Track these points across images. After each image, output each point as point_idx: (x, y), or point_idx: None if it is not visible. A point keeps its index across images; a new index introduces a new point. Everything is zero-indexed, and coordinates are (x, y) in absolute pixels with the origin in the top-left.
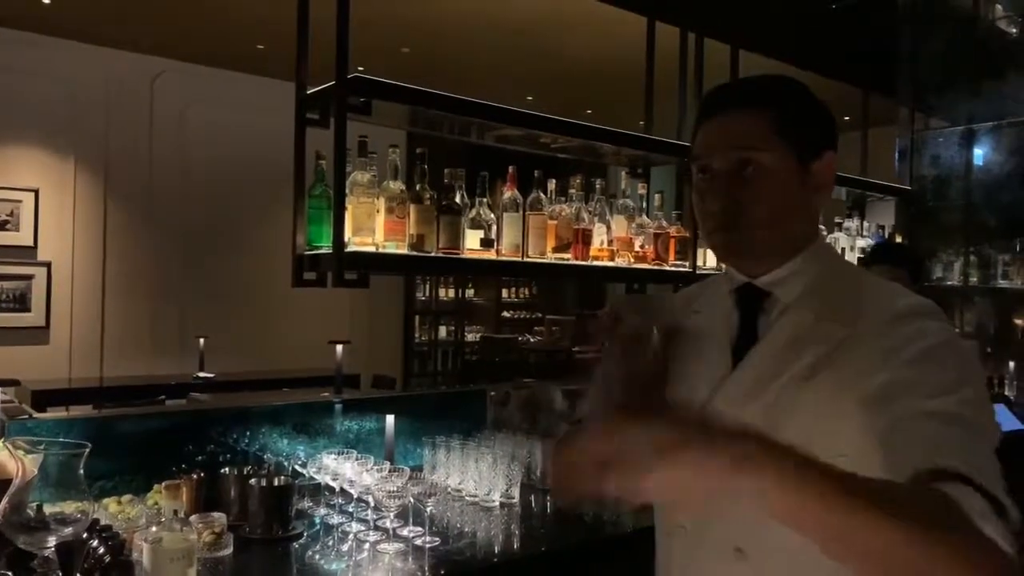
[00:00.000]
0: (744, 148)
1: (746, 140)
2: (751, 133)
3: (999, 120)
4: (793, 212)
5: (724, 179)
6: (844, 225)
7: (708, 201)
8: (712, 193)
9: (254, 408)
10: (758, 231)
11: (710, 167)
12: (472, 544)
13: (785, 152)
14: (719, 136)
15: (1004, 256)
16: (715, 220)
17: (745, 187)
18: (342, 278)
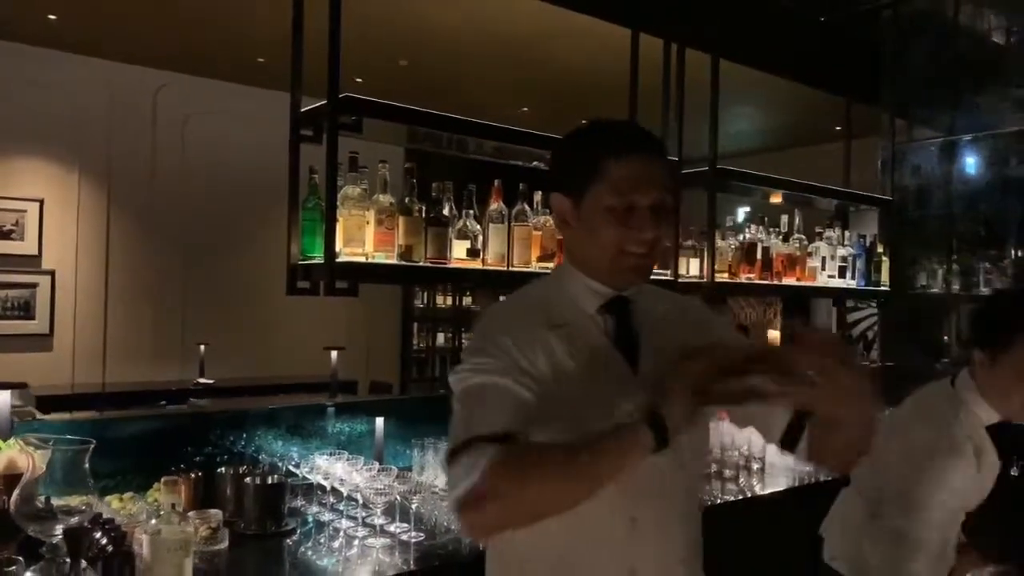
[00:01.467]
0: (665, 190)
1: (666, 186)
2: (666, 180)
3: (979, 132)
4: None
5: (652, 214)
6: (825, 235)
7: (633, 232)
8: (644, 224)
9: (250, 411)
10: (656, 256)
11: (635, 200)
12: (456, 540)
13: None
14: (649, 174)
15: (986, 265)
16: (644, 247)
17: (662, 223)
18: (333, 287)
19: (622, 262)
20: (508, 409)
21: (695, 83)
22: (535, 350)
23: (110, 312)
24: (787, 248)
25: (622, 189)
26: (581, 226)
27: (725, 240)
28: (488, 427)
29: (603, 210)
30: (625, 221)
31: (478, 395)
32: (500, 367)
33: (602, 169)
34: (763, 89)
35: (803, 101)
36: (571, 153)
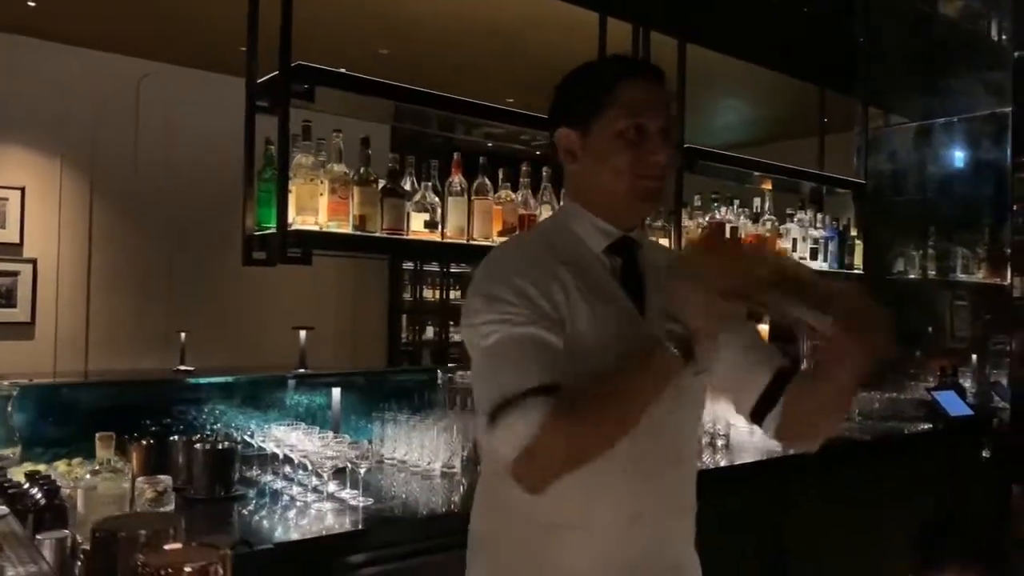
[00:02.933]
0: (669, 118)
1: (671, 111)
2: (672, 106)
3: (953, 116)
4: None
5: (664, 137)
6: (796, 217)
7: (646, 155)
8: (656, 147)
9: (208, 383)
10: (667, 180)
11: (645, 123)
12: (403, 504)
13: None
14: (657, 98)
15: (963, 250)
16: (657, 171)
17: (671, 148)
18: (285, 255)
19: (635, 188)
20: (545, 360)
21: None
22: (552, 289)
23: (92, 300)
24: (757, 229)
25: (633, 111)
26: (589, 157)
27: (693, 220)
28: (530, 381)
29: (614, 135)
30: (637, 144)
31: (510, 348)
32: (525, 316)
33: (614, 91)
34: (748, 83)
35: (787, 96)
36: (580, 81)
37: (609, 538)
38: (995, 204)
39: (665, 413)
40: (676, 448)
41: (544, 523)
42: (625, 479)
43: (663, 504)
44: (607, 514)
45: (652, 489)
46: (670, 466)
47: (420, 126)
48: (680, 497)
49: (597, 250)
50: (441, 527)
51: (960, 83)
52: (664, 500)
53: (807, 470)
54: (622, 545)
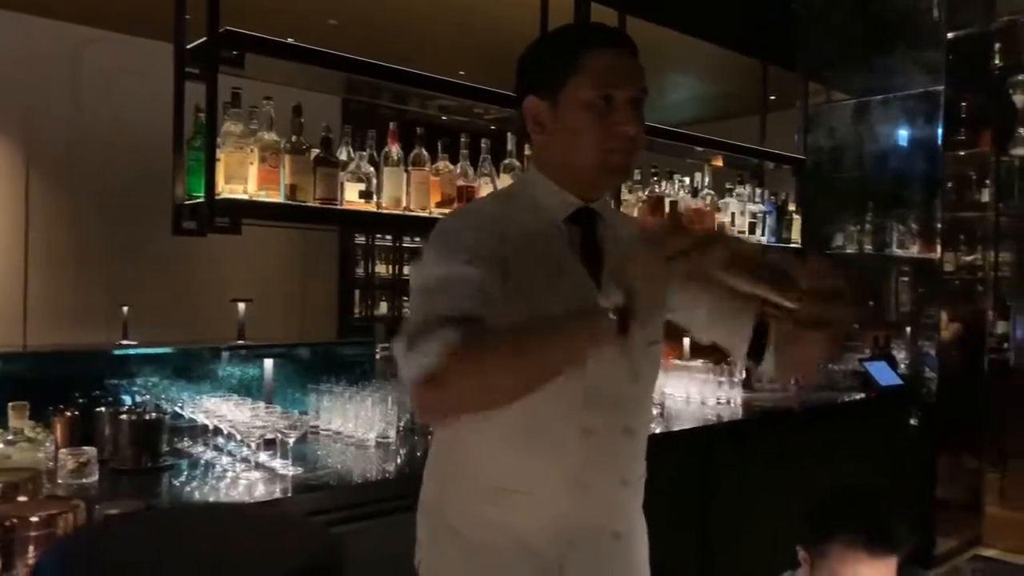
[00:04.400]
0: (642, 90)
1: (644, 81)
2: (642, 77)
3: (889, 93)
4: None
5: (634, 108)
6: (736, 191)
7: (613, 126)
8: (625, 118)
9: (139, 354)
10: (637, 156)
11: (613, 93)
12: (333, 473)
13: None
14: (629, 67)
15: (899, 225)
16: (625, 143)
17: (641, 119)
18: (213, 224)
19: (603, 161)
20: (468, 293)
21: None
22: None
23: (30, 275)
24: (696, 203)
25: (601, 81)
26: (557, 127)
27: (633, 194)
28: (452, 310)
29: (582, 105)
30: (605, 115)
31: (444, 283)
32: (463, 257)
33: (581, 61)
34: (698, 60)
35: (734, 74)
36: (548, 49)
37: (555, 504)
38: (928, 181)
39: (619, 384)
40: (628, 420)
41: (491, 487)
42: (575, 447)
43: (612, 474)
44: (554, 481)
45: (601, 459)
46: (621, 437)
47: (372, 99)
48: (629, 468)
49: (557, 219)
50: (370, 494)
51: (897, 61)
52: (613, 470)
53: (740, 438)
54: (568, 512)
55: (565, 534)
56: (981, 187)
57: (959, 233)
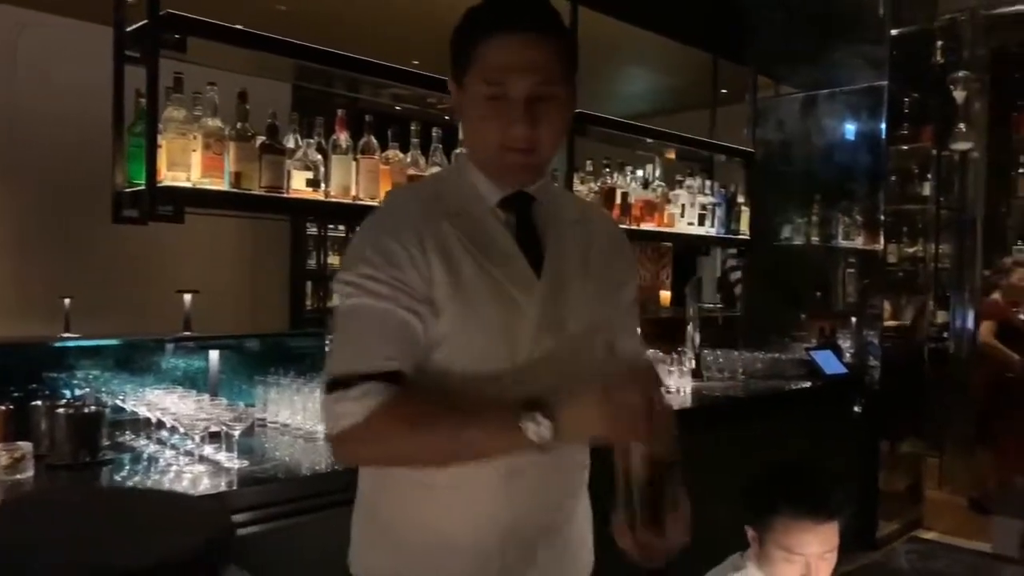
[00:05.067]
0: (549, 82)
1: (547, 72)
2: (555, 66)
3: (836, 88)
4: (564, 134)
5: (525, 106)
6: (686, 183)
7: (507, 125)
8: (512, 119)
9: (79, 346)
10: (545, 153)
11: (506, 89)
12: (281, 466)
13: (567, 82)
14: (523, 59)
15: (844, 218)
16: (521, 143)
17: (542, 116)
18: (154, 212)
19: (503, 159)
20: (393, 338)
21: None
22: (427, 250)
23: None
24: (646, 194)
25: (492, 75)
26: (464, 117)
27: (585, 185)
28: (374, 361)
29: (478, 99)
30: (497, 113)
31: (360, 320)
32: (385, 286)
33: (477, 50)
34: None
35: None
36: (455, 34)
37: (485, 497)
38: (872, 174)
39: (555, 370)
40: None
41: (422, 482)
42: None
43: (544, 461)
44: (483, 472)
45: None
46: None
47: (324, 87)
48: (564, 454)
49: (491, 203)
50: (317, 487)
51: (843, 56)
52: (546, 461)
53: (689, 425)
54: (500, 503)
55: (496, 531)
56: (923, 181)
57: (902, 225)
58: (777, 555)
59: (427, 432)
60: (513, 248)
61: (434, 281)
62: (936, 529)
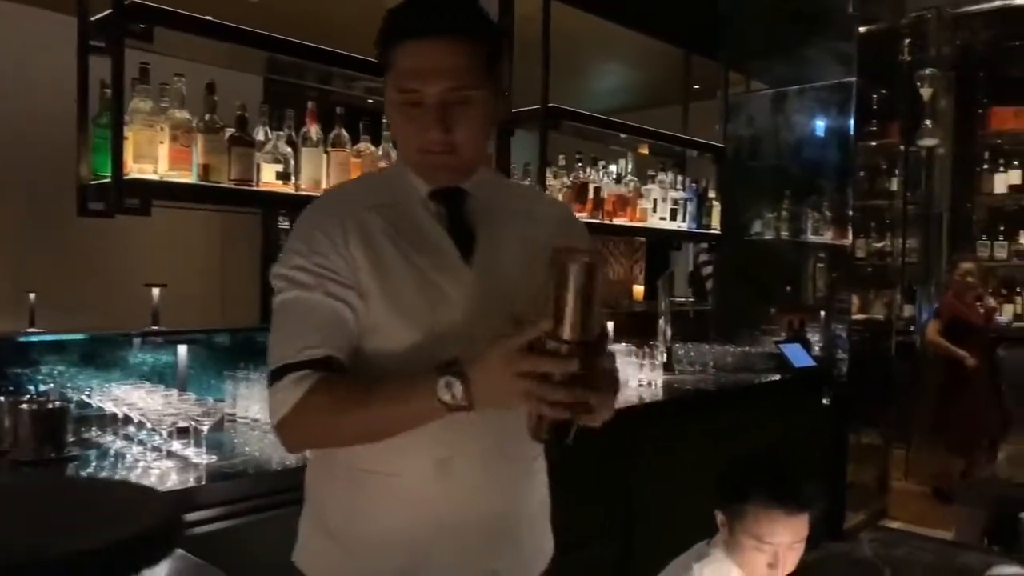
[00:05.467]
0: (462, 87)
1: (460, 75)
2: (469, 69)
3: (805, 84)
4: (488, 134)
5: (439, 111)
6: (658, 178)
7: (422, 130)
8: (426, 124)
9: (44, 341)
10: (466, 155)
11: (420, 95)
12: (251, 461)
13: (487, 83)
14: (434, 64)
15: (813, 213)
16: (424, 146)
17: (457, 119)
18: (121, 205)
19: (424, 160)
20: (321, 325)
21: (560, 35)
22: (349, 238)
23: None
24: (619, 189)
25: (402, 83)
26: (389, 118)
27: (558, 179)
28: (303, 350)
29: (395, 104)
30: (412, 118)
31: (292, 311)
32: (313, 276)
33: (391, 56)
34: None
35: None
36: (376, 39)
37: (417, 485)
38: (841, 170)
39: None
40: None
41: (360, 469)
42: (440, 421)
43: (478, 450)
44: (414, 460)
45: (463, 434)
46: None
47: (295, 79)
48: (504, 443)
49: (421, 195)
50: (287, 482)
51: (813, 52)
52: (480, 446)
53: (661, 418)
54: (432, 493)
55: (430, 519)
56: (890, 177)
57: (870, 221)
58: (747, 543)
59: (352, 410)
60: (442, 238)
61: (358, 267)
62: (901, 519)
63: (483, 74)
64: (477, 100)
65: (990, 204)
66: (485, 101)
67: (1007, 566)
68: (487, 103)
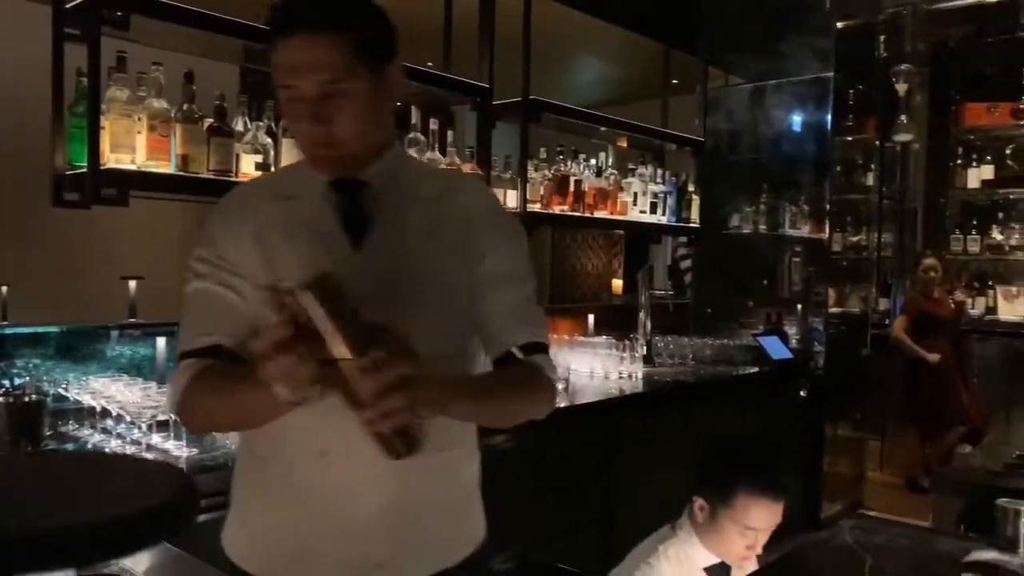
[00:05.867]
0: (331, 80)
1: (332, 69)
2: (336, 61)
3: (783, 79)
4: (377, 121)
5: (313, 104)
6: (638, 171)
7: (300, 124)
8: (302, 117)
9: (19, 333)
10: (349, 146)
11: (296, 90)
12: (229, 453)
13: (364, 72)
14: (304, 60)
15: (791, 207)
16: (309, 140)
17: (334, 112)
18: (98, 195)
19: (311, 153)
20: (213, 316)
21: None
22: (244, 228)
23: None
24: (600, 182)
25: (280, 79)
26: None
27: (539, 172)
28: (194, 339)
29: (281, 100)
30: (294, 113)
31: (190, 302)
32: (207, 267)
33: (273, 53)
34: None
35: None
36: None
37: (304, 475)
38: (818, 164)
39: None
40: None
41: (258, 455)
42: (313, 409)
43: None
44: (299, 449)
45: (342, 426)
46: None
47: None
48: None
49: (320, 186)
50: None
51: (790, 47)
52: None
53: (641, 410)
54: (316, 483)
55: (319, 511)
56: (866, 171)
57: (846, 215)
58: (730, 528)
59: (226, 395)
60: (334, 227)
61: (252, 258)
62: (876, 508)
63: (358, 64)
64: (356, 91)
65: (963, 199)
66: (366, 91)
67: (985, 551)
68: (368, 93)
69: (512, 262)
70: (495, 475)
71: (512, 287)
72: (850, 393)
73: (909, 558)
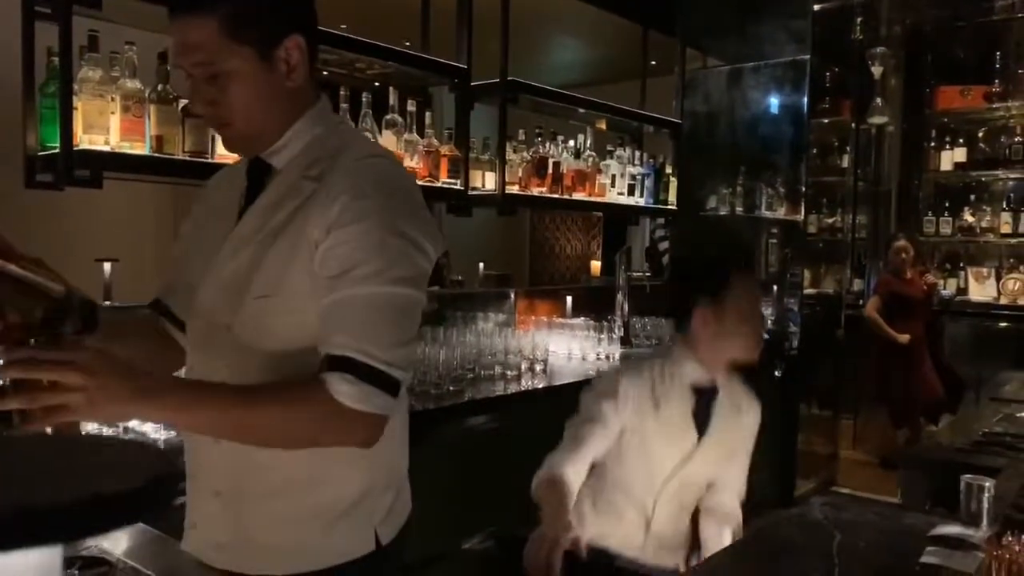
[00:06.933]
0: (203, 62)
1: (201, 52)
2: (204, 43)
3: (760, 61)
4: (270, 101)
5: (198, 84)
6: (616, 153)
7: (192, 103)
8: (193, 96)
9: None
10: (240, 127)
11: (184, 69)
12: None
13: (244, 52)
14: (180, 42)
15: (768, 189)
16: (206, 120)
17: (218, 92)
18: (71, 176)
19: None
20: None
21: (520, 10)
22: (194, 211)
23: None
24: (578, 164)
25: (172, 62)
26: None
27: (518, 154)
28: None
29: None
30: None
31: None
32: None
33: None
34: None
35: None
36: None
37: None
38: (794, 146)
39: (230, 339)
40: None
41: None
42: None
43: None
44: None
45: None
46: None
47: None
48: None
49: (242, 169)
50: None
51: (768, 30)
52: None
53: None
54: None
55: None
56: (842, 154)
57: (822, 197)
58: (736, 328)
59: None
60: (231, 208)
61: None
62: (849, 486)
63: (229, 44)
64: (235, 71)
65: (936, 181)
66: (251, 72)
67: (949, 525)
68: (254, 73)
69: (350, 257)
70: (474, 456)
71: (340, 284)
72: (824, 373)
73: (876, 533)
